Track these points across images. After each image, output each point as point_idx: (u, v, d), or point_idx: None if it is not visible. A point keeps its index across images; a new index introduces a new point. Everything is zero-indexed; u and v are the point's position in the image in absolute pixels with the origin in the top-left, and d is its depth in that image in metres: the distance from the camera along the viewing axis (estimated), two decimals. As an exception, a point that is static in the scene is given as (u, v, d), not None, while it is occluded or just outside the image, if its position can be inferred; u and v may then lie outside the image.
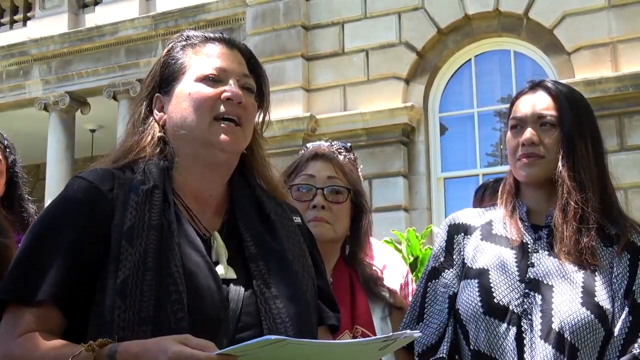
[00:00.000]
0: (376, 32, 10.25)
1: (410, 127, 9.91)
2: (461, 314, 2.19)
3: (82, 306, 1.58)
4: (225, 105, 1.74)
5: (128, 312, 1.52)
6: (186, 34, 1.87)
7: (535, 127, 2.25)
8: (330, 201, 2.47)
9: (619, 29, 9.03)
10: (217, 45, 1.82)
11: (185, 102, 1.75)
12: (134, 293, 1.53)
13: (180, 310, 1.54)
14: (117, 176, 1.70)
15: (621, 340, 2.08)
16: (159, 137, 1.77)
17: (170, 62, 1.82)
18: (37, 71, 13.80)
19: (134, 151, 1.76)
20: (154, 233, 1.60)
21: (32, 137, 13.62)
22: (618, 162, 7.90)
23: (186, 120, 1.74)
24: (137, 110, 1.83)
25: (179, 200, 1.73)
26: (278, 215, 1.82)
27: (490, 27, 9.89)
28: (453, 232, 2.33)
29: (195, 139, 1.74)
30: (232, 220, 1.78)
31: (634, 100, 8.78)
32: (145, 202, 1.64)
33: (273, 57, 10.45)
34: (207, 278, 1.63)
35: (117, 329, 1.51)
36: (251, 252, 1.72)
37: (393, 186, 9.73)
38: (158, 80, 1.82)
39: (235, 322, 1.63)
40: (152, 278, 1.55)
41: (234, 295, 1.66)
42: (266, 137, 1.93)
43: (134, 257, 1.56)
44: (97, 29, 13.16)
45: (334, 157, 2.57)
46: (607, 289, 2.12)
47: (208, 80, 1.75)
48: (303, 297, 1.73)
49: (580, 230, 2.15)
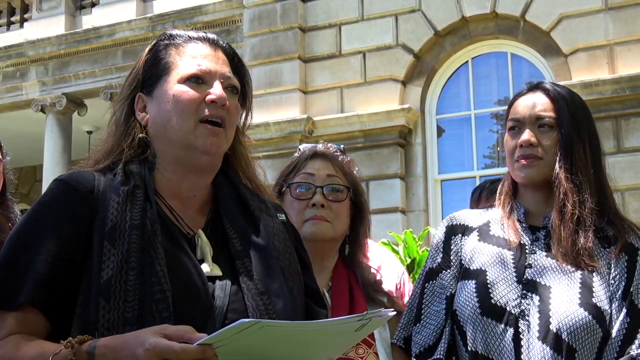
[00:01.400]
0: (373, 34, 10.26)
1: (407, 129, 9.91)
2: (458, 315, 2.19)
3: (65, 309, 1.57)
4: (210, 108, 1.72)
5: (112, 312, 1.52)
6: (169, 33, 1.85)
7: (533, 129, 2.25)
8: (330, 200, 2.45)
9: (615, 32, 9.05)
10: (200, 45, 1.80)
11: (169, 103, 1.73)
12: (117, 293, 1.53)
13: (165, 309, 1.54)
14: (97, 178, 1.69)
15: (619, 342, 2.08)
16: (140, 138, 1.76)
17: (153, 61, 1.80)
18: (34, 73, 13.79)
19: (115, 152, 1.76)
20: (136, 233, 1.59)
21: (28, 139, 13.62)
22: (615, 165, 7.91)
23: (170, 122, 1.73)
24: (118, 109, 1.81)
25: (161, 200, 1.72)
26: (262, 213, 1.81)
27: (487, 29, 9.91)
28: (450, 233, 2.33)
29: (178, 141, 1.73)
30: (216, 219, 1.78)
31: (630, 102, 8.80)
32: (127, 202, 1.64)
33: (270, 59, 10.46)
34: (191, 276, 1.63)
35: (101, 329, 1.50)
36: (237, 249, 1.72)
37: (390, 188, 9.73)
38: (140, 80, 1.80)
39: (222, 319, 1.62)
40: (135, 278, 1.54)
41: (220, 292, 1.65)
42: (263, 138, 1.93)
43: (117, 257, 1.56)
44: (94, 30, 13.16)
45: (334, 156, 2.56)
46: (604, 290, 2.12)
47: (192, 82, 1.74)
48: (290, 293, 1.73)
49: (577, 232, 2.15)
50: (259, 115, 9.74)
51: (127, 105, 1.80)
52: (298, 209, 2.45)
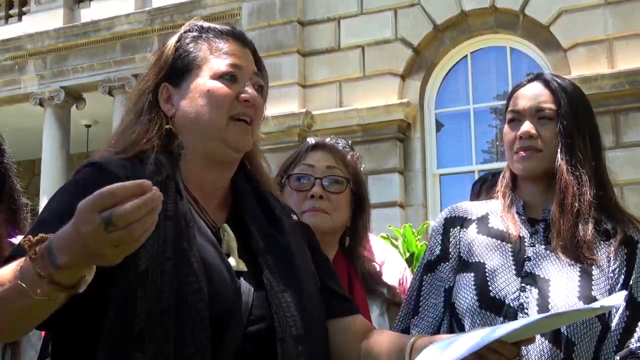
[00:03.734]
0: (372, 28, 10.26)
1: (406, 124, 9.91)
2: (457, 308, 2.18)
3: (97, 297, 1.50)
4: (242, 106, 1.74)
5: (149, 302, 1.50)
6: (199, 25, 1.84)
7: (533, 121, 2.23)
8: (329, 191, 2.44)
9: (615, 26, 9.05)
10: (231, 41, 1.81)
11: (202, 98, 1.73)
12: (154, 283, 1.51)
13: (201, 300, 1.53)
14: (128, 166, 1.67)
15: (618, 335, 2.07)
16: (167, 129, 1.75)
17: (183, 53, 1.79)
18: (32, 66, 13.78)
19: (141, 142, 1.74)
20: (170, 224, 1.58)
21: (27, 133, 13.61)
22: (614, 159, 7.83)
23: (202, 117, 1.73)
24: (141, 99, 1.79)
25: (188, 193, 1.72)
26: (280, 212, 1.83)
27: (487, 23, 9.90)
28: (449, 225, 2.31)
29: (209, 135, 1.73)
30: (236, 215, 1.78)
31: (629, 97, 8.80)
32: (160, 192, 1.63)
33: (269, 53, 10.44)
34: (221, 269, 1.62)
35: (138, 319, 1.48)
36: (259, 246, 1.72)
37: (389, 183, 9.73)
38: (169, 70, 1.79)
39: (247, 315, 1.62)
40: (171, 268, 1.53)
41: (245, 288, 1.65)
42: (262, 132, 1.93)
43: (153, 248, 1.53)
44: (93, 24, 13.14)
45: (335, 148, 2.53)
46: (604, 283, 2.12)
47: (225, 79, 1.74)
48: (308, 291, 1.73)
49: (576, 225, 2.15)
50: (257, 110, 9.72)
51: (151, 94, 1.79)
52: (297, 200, 2.43)
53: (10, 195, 2.62)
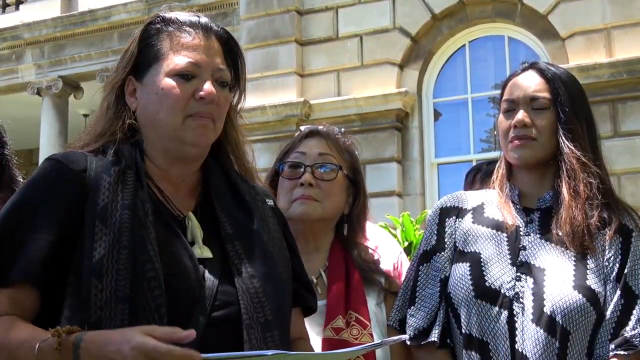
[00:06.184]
0: (370, 17, 10.22)
1: (404, 113, 9.90)
2: (453, 298, 2.19)
3: (57, 287, 1.57)
4: (198, 104, 1.72)
5: (105, 291, 1.52)
6: (162, 16, 1.83)
7: (527, 109, 2.23)
8: (320, 178, 2.40)
9: (613, 16, 9.03)
10: (193, 33, 1.77)
11: (157, 95, 1.73)
12: (110, 272, 1.54)
13: (157, 287, 1.55)
14: (89, 159, 1.69)
15: (613, 323, 2.08)
16: (129, 123, 1.75)
17: (145, 47, 1.78)
18: (29, 55, 13.74)
19: (105, 135, 1.76)
20: (127, 212, 1.60)
21: (24, 122, 13.55)
22: (611, 149, 7.91)
23: (157, 115, 1.73)
24: (110, 92, 1.80)
25: (151, 182, 1.73)
26: (252, 198, 1.83)
27: (485, 12, 9.87)
28: (445, 215, 2.32)
29: (166, 134, 1.73)
30: (205, 202, 1.79)
31: (627, 86, 8.79)
32: (118, 182, 1.64)
33: (267, 42, 10.43)
34: (182, 257, 1.64)
35: (94, 307, 1.51)
36: (227, 232, 1.73)
37: (386, 172, 9.73)
38: (134, 63, 1.78)
39: (212, 300, 1.63)
40: (127, 257, 1.55)
41: (210, 274, 1.66)
42: (259, 122, 1.93)
43: (109, 237, 1.56)
44: (90, 13, 13.10)
45: (329, 135, 2.50)
46: (598, 272, 2.12)
47: (181, 77, 1.72)
48: (279, 277, 1.74)
49: (585, 211, 2.14)
50: (255, 99, 9.72)
51: (118, 88, 1.79)
52: (288, 188, 2.42)
53: (9, 186, 2.63)
